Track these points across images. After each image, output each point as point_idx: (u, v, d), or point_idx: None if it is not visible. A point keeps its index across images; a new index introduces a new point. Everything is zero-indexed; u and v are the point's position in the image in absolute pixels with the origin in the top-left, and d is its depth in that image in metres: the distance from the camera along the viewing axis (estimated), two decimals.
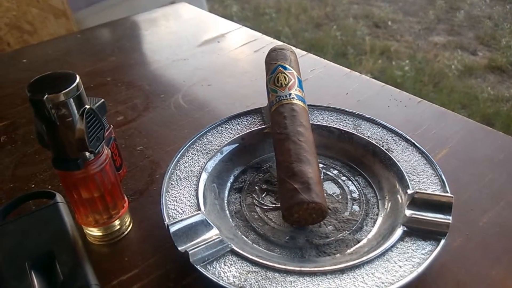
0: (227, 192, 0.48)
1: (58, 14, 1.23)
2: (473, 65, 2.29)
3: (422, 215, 0.40)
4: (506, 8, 2.92)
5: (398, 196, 0.45)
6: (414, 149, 0.48)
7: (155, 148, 0.57)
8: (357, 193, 0.47)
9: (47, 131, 0.36)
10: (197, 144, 0.50)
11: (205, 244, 0.38)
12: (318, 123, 0.53)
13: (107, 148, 0.41)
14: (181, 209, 0.42)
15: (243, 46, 0.83)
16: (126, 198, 0.44)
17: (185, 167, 0.47)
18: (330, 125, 0.53)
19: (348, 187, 0.48)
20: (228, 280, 0.35)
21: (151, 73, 0.77)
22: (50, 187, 0.51)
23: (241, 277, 0.36)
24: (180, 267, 0.40)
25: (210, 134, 0.51)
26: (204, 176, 0.46)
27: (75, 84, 0.35)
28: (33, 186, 0.52)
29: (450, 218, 0.39)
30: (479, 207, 0.45)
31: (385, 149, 0.49)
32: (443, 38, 2.66)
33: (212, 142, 0.50)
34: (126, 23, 0.98)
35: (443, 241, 0.38)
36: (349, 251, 0.41)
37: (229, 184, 0.49)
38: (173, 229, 0.39)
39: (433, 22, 2.87)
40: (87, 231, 0.43)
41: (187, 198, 0.44)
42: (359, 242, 0.42)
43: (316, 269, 0.37)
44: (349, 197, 0.47)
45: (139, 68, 0.79)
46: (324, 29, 2.86)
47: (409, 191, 0.43)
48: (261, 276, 0.36)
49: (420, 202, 0.42)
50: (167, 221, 0.40)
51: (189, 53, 0.82)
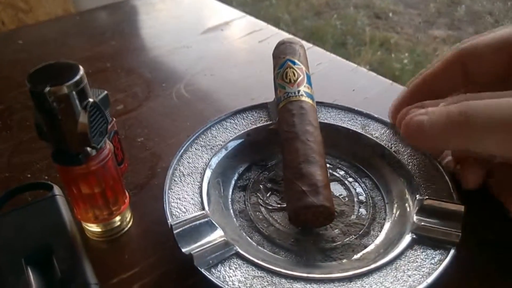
0: (231, 190, 0.46)
1: None
2: None
3: (431, 223, 0.39)
4: (507, 4, 2.90)
5: (407, 201, 0.43)
6: (424, 153, 0.47)
7: (156, 140, 0.55)
8: (364, 195, 0.46)
9: (47, 125, 0.34)
10: (201, 139, 0.48)
11: (210, 246, 0.37)
12: (325, 121, 0.52)
13: (109, 142, 0.39)
14: (185, 208, 0.41)
15: (247, 36, 0.81)
16: (127, 194, 0.43)
17: (188, 162, 0.45)
18: (337, 124, 0.51)
19: (355, 189, 0.47)
20: (233, 285, 0.34)
21: (152, 59, 0.74)
22: (47, 177, 0.49)
23: (247, 282, 0.35)
24: (182, 267, 0.39)
25: (214, 129, 0.50)
26: (208, 173, 0.45)
27: (79, 77, 0.33)
28: (29, 176, 0.50)
29: (460, 227, 0.38)
30: (489, 214, 0.44)
31: (394, 151, 0.48)
32: (443, 32, 2.65)
33: (216, 137, 0.49)
34: (125, 6, 0.95)
35: (452, 251, 0.37)
36: (356, 256, 0.40)
37: (233, 182, 0.47)
38: (176, 230, 0.37)
39: (434, 15, 2.85)
40: (85, 226, 0.42)
41: (190, 196, 0.42)
42: (366, 247, 0.41)
43: (323, 276, 0.36)
44: (355, 199, 0.45)
45: (140, 54, 0.76)
46: (324, 17, 2.83)
47: (418, 197, 0.42)
48: (267, 282, 0.35)
49: (430, 209, 0.40)
50: (170, 220, 0.39)
51: (192, 40, 0.79)
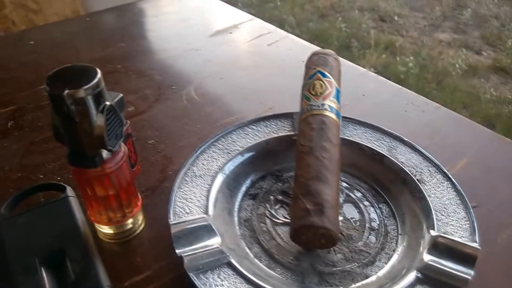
0: (240, 197, 0.46)
1: None
2: (477, 64, 2.28)
3: (441, 264, 0.37)
4: None
5: (420, 235, 0.41)
6: (450, 185, 0.44)
7: (167, 143, 0.55)
8: (378, 222, 0.44)
9: (64, 127, 0.34)
10: (220, 142, 0.48)
11: (204, 251, 0.36)
12: (351, 138, 0.50)
13: (124, 145, 0.39)
14: (189, 208, 0.41)
15: (256, 39, 0.81)
16: (139, 196, 0.43)
17: (203, 164, 0.46)
18: (362, 142, 0.49)
19: (369, 214, 0.44)
20: None
21: (161, 62, 0.75)
22: (59, 178, 0.50)
23: None
24: None
25: (235, 133, 0.50)
26: (220, 177, 0.45)
27: (96, 80, 0.33)
28: (41, 176, 0.50)
29: (472, 273, 0.36)
30: (498, 221, 0.44)
31: (417, 179, 0.45)
32: (449, 35, 2.64)
33: (235, 142, 0.49)
34: (133, 8, 0.96)
35: None
36: (353, 286, 0.38)
37: (244, 189, 0.47)
38: (174, 229, 0.37)
39: (439, 18, 2.84)
40: (98, 228, 0.42)
41: (197, 198, 0.42)
42: (367, 277, 0.39)
43: None
44: (367, 225, 0.43)
45: (149, 56, 0.77)
46: (329, 20, 2.83)
47: (433, 233, 0.40)
48: None
49: (442, 248, 0.38)
50: (171, 219, 0.39)
51: (201, 43, 0.80)
